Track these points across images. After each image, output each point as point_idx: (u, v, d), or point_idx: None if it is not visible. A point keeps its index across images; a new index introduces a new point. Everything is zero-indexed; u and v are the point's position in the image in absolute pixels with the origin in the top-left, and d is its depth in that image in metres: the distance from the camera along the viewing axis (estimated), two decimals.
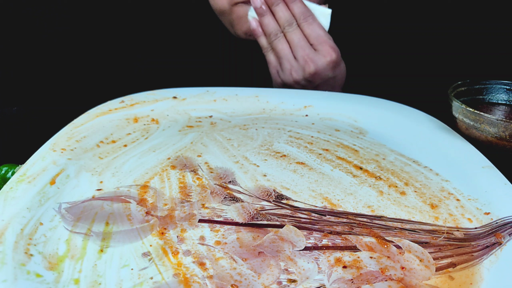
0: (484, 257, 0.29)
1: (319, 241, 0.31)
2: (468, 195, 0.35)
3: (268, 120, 0.48)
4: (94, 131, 0.43)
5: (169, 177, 0.37)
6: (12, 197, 0.32)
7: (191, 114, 0.49)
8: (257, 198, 0.35)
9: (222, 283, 0.27)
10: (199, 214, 0.33)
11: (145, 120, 0.47)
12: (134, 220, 0.32)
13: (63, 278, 0.27)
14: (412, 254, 0.29)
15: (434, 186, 0.37)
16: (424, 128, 0.45)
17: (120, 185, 0.36)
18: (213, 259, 0.29)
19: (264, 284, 0.27)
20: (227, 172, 0.38)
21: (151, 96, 0.50)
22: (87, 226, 0.31)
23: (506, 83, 0.46)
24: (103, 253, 0.29)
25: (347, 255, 0.29)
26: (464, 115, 0.41)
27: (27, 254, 0.28)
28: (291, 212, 0.33)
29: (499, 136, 0.39)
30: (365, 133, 0.46)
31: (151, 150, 0.42)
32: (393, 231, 0.32)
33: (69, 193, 0.35)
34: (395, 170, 0.39)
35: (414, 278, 0.28)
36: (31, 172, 0.35)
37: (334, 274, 0.28)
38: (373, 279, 0.27)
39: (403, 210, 0.34)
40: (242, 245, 0.30)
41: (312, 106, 0.50)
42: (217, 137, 0.44)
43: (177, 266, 0.28)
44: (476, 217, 0.33)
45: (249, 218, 0.32)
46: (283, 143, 0.43)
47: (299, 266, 0.28)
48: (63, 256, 0.29)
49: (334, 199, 0.35)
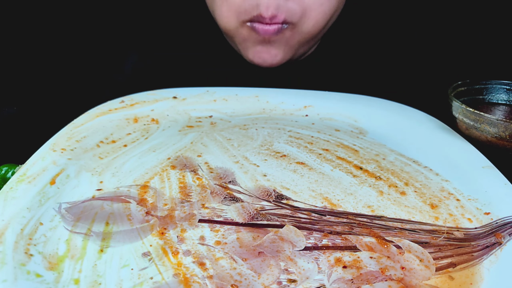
0: (484, 257, 0.29)
1: (319, 241, 0.31)
2: (468, 195, 0.35)
3: (268, 120, 0.48)
4: (94, 131, 0.43)
5: (169, 177, 0.37)
6: (12, 197, 0.32)
7: (191, 114, 0.49)
8: (257, 198, 0.35)
9: (222, 283, 0.27)
10: (199, 214, 0.33)
11: (145, 120, 0.47)
12: (134, 220, 0.32)
13: (63, 278, 0.27)
14: (412, 254, 0.29)
15: (434, 186, 0.37)
16: (424, 128, 0.45)
17: (120, 185, 0.36)
18: (213, 259, 0.29)
19: (264, 284, 0.27)
20: (227, 172, 0.38)
21: (151, 96, 0.50)
22: (87, 226, 0.31)
23: (506, 83, 0.46)
24: (103, 253, 0.29)
25: (347, 255, 0.29)
26: (464, 115, 0.41)
27: (27, 254, 0.28)
28: (291, 212, 0.33)
29: (499, 136, 0.39)
30: (365, 133, 0.46)
31: (151, 150, 0.42)
32: (393, 231, 0.32)
33: (69, 193, 0.35)
34: (395, 170, 0.39)
35: (414, 278, 0.28)
36: (31, 172, 0.35)
37: (334, 274, 0.28)
38: (373, 279, 0.27)
39: (403, 210, 0.34)
40: (242, 245, 0.30)
41: (312, 106, 0.50)
42: (217, 137, 0.44)
43: (177, 266, 0.28)
44: (476, 217, 0.33)
45: (249, 218, 0.32)
46: (283, 143, 0.43)
47: (299, 266, 0.28)
48: (63, 256, 0.29)
49: (334, 199, 0.35)
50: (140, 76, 0.63)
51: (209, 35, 0.61)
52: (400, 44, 0.65)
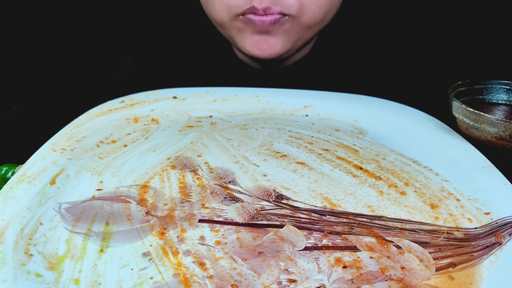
0: (484, 257, 0.29)
1: (319, 241, 0.31)
2: (468, 195, 0.35)
3: (268, 120, 0.48)
4: (94, 131, 0.43)
5: (169, 177, 0.37)
6: (12, 197, 0.32)
7: (191, 114, 0.49)
8: (257, 198, 0.35)
9: (222, 283, 0.27)
10: (199, 214, 0.33)
11: (145, 120, 0.47)
12: (134, 220, 0.32)
13: (63, 278, 0.27)
14: (412, 254, 0.29)
15: (434, 186, 0.37)
16: (424, 128, 0.45)
17: (120, 185, 0.36)
18: (213, 259, 0.29)
19: (264, 284, 0.27)
20: (227, 172, 0.38)
21: (151, 96, 0.50)
22: (87, 226, 0.31)
23: (506, 83, 0.46)
24: (103, 253, 0.29)
25: (347, 255, 0.29)
26: (464, 115, 0.41)
27: (27, 254, 0.28)
28: (291, 212, 0.33)
29: (499, 136, 0.39)
30: (365, 133, 0.46)
31: (151, 150, 0.42)
32: (393, 231, 0.32)
33: (69, 193, 0.35)
34: (395, 170, 0.39)
35: (414, 278, 0.28)
36: (31, 172, 0.35)
37: (334, 274, 0.28)
38: (373, 279, 0.27)
39: (403, 210, 0.34)
40: (242, 245, 0.30)
41: (312, 106, 0.50)
42: (217, 137, 0.44)
43: (177, 266, 0.28)
44: (476, 217, 0.33)
45: (249, 218, 0.32)
46: (283, 143, 0.43)
47: (299, 266, 0.28)
48: (63, 256, 0.29)
49: (334, 199, 0.35)
50: (139, 76, 0.63)
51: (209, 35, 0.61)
52: (400, 44, 0.65)
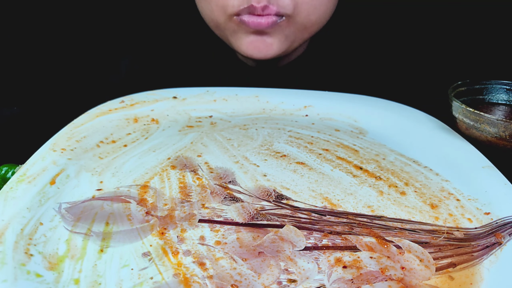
0: (484, 257, 0.29)
1: (319, 241, 0.31)
2: (468, 195, 0.35)
3: (268, 120, 0.48)
4: (94, 131, 0.43)
5: (169, 177, 0.37)
6: (12, 197, 0.32)
7: (191, 114, 0.49)
8: (257, 198, 0.35)
9: (222, 283, 0.27)
10: (199, 214, 0.33)
11: (145, 120, 0.47)
12: (134, 220, 0.32)
13: (63, 278, 0.27)
14: (412, 254, 0.29)
15: (434, 186, 0.37)
16: (424, 128, 0.45)
17: (120, 185, 0.36)
18: (213, 259, 0.29)
19: (264, 284, 0.27)
20: (227, 172, 0.38)
21: (151, 96, 0.50)
22: (87, 226, 0.31)
23: (506, 83, 0.46)
24: (103, 253, 0.29)
25: (347, 255, 0.29)
26: (464, 115, 0.41)
27: (27, 254, 0.28)
28: (291, 212, 0.33)
29: (499, 136, 0.39)
30: (365, 133, 0.46)
31: (151, 150, 0.42)
32: (393, 231, 0.32)
33: (69, 193, 0.35)
34: (395, 170, 0.39)
35: (414, 278, 0.28)
36: (31, 172, 0.35)
37: (334, 274, 0.28)
38: (373, 279, 0.27)
39: (403, 210, 0.34)
40: (242, 245, 0.30)
41: (312, 106, 0.50)
42: (217, 137, 0.44)
43: (177, 266, 0.28)
44: (476, 217, 0.33)
45: (249, 218, 0.32)
46: (283, 143, 0.43)
47: (299, 266, 0.28)
48: (63, 256, 0.29)
49: (334, 199, 0.35)
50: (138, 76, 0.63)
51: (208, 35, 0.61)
52: (400, 44, 0.65)
